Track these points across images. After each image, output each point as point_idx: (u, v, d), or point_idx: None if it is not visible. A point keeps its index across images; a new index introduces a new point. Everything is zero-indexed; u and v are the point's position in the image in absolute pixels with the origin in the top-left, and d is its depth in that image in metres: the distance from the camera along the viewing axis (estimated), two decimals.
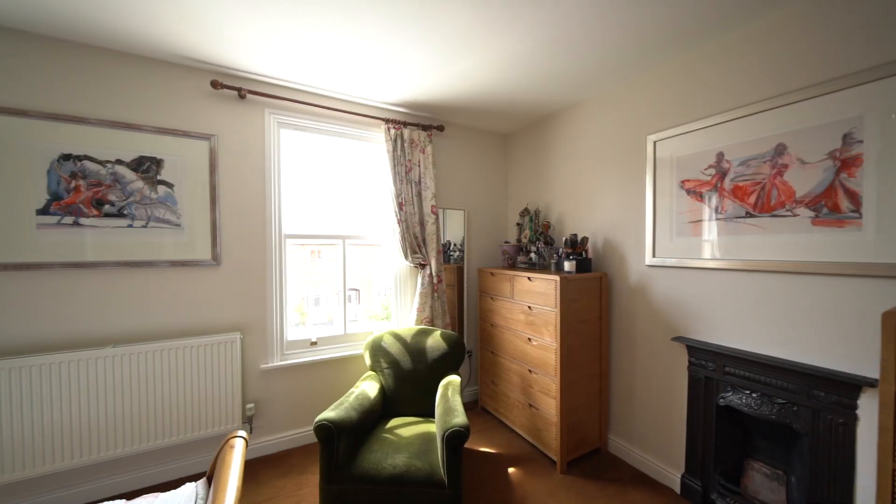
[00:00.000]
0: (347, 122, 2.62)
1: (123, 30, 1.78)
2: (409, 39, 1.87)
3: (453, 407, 1.90)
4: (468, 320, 3.20)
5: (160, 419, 1.98)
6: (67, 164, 1.87)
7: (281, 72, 2.21)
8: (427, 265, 2.84)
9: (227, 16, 1.68)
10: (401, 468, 1.72)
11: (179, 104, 2.11)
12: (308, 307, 3.00)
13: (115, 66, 1.96)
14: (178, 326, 2.11)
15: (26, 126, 1.79)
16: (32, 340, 1.82)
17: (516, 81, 2.33)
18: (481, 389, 3.03)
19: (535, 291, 2.39)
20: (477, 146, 3.23)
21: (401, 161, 2.72)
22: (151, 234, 2.05)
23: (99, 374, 1.85)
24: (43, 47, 1.82)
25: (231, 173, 2.25)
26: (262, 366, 2.34)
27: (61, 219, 1.86)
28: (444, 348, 2.41)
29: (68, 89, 1.87)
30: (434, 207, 2.83)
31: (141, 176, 2.03)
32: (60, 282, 1.87)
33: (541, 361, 2.35)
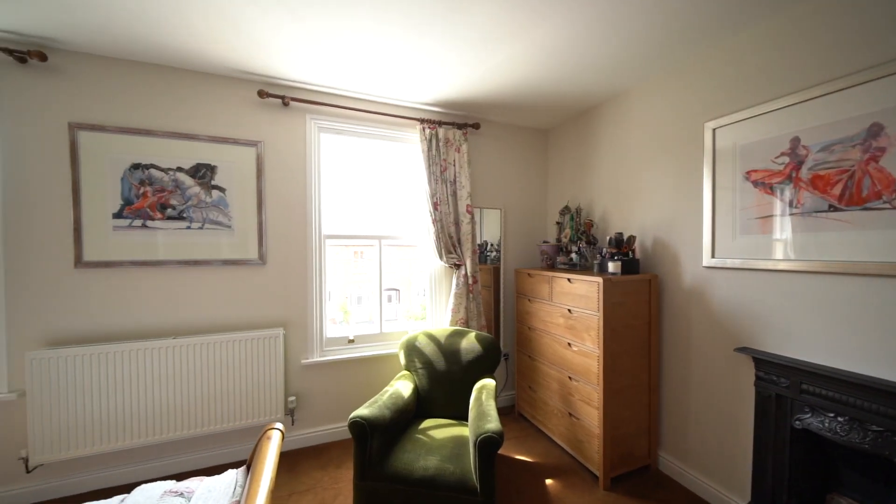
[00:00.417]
0: (383, 124, 2.66)
1: (184, 48, 1.95)
2: (438, 37, 1.84)
3: (487, 412, 1.84)
4: (504, 322, 3.11)
5: (211, 407, 2.13)
6: (137, 172, 2.08)
7: (320, 78, 2.29)
8: (462, 265, 2.80)
9: (269, 26, 1.76)
10: (432, 471, 1.70)
11: (230, 114, 2.26)
12: (351, 306, 3.09)
13: (177, 81, 2.15)
14: (228, 321, 2.27)
15: (105, 140, 2.02)
16: (108, 330, 2.04)
17: (554, 74, 2.21)
18: (518, 394, 2.93)
19: (575, 294, 2.26)
20: (514, 143, 3.14)
21: (435, 161, 2.71)
22: (206, 235, 2.22)
23: (161, 363, 2.04)
24: (118, 69, 2.04)
25: (275, 177, 2.37)
26: (302, 361, 2.44)
27: (132, 221, 2.08)
28: (478, 350, 2.35)
29: (138, 105, 2.08)
30: (469, 207, 2.78)
31: (198, 181, 2.20)
32: (131, 278, 2.08)
33: (582, 368, 2.21)
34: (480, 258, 3.03)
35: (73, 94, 1.96)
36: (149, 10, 1.64)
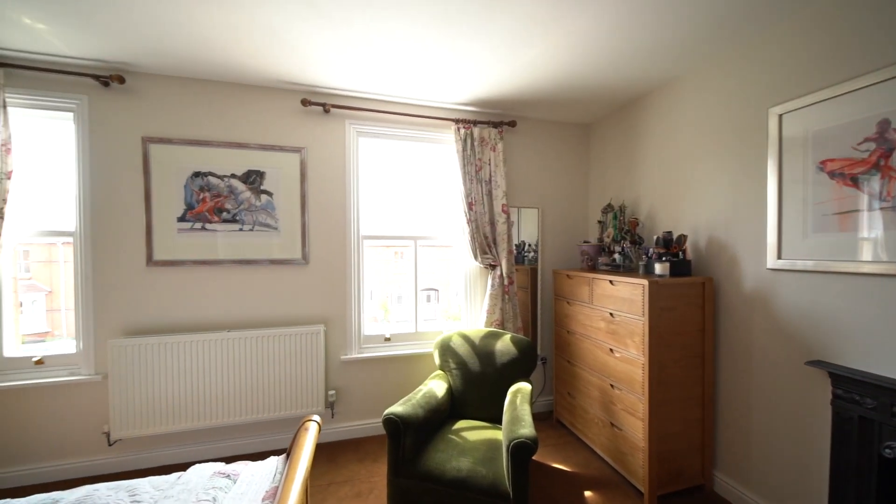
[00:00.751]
0: (418, 126, 2.69)
1: (236, 64, 2.11)
2: (471, 35, 1.83)
3: (521, 417, 1.79)
4: (542, 325, 3.01)
5: (258, 397, 2.29)
6: (197, 179, 2.29)
7: (358, 84, 2.37)
8: (497, 266, 2.75)
9: (309, 36, 1.85)
10: (465, 472, 1.68)
11: (277, 122, 2.41)
12: (391, 304, 3.16)
13: (231, 95, 2.33)
14: (275, 317, 2.42)
15: (171, 151, 2.24)
16: (174, 322, 2.26)
17: (594, 64, 2.11)
18: (556, 400, 2.82)
19: (617, 297, 2.13)
20: (553, 139, 3.03)
21: (470, 160, 2.69)
22: (256, 236, 2.39)
23: (217, 354, 2.22)
24: (182, 87, 2.26)
25: (317, 181, 2.49)
26: (342, 357, 2.54)
27: (193, 224, 2.28)
28: (513, 353, 2.30)
29: (199, 119, 2.28)
30: (505, 206, 2.73)
31: (248, 187, 2.37)
32: (193, 276, 2.29)
33: (625, 376, 2.08)
34: (517, 259, 2.97)
35: (146, 110, 2.20)
36: (207, 32, 1.80)
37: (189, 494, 1.13)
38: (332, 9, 1.63)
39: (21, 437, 2.06)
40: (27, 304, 2.28)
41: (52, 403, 2.10)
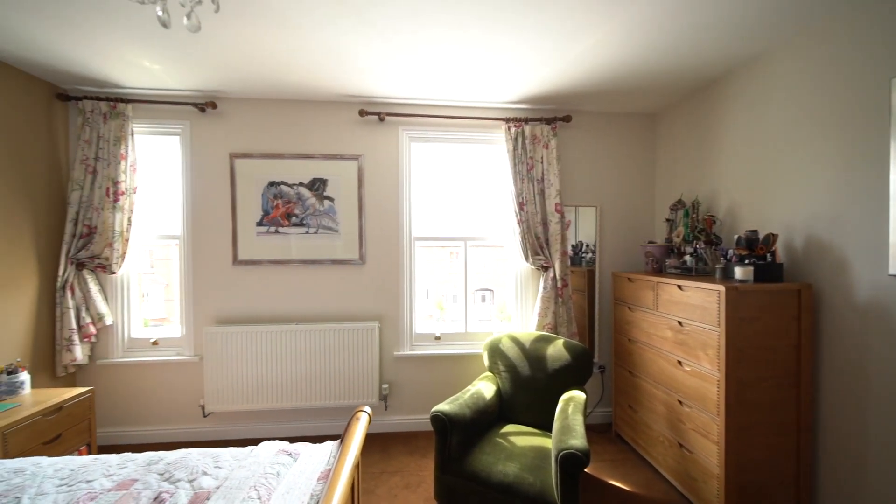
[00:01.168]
0: (468, 128, 2.70)
1: (303, 83, 2.33)
2: (517, 32, 1.79)
3: (572, 426, 1.70)
4: (600, 331, 2.82)
5: (320, 385, 2.50)
6: (272, 188, 2.58)
7: (410, 92, 2.47)
8: (550, 268, 2.65)
9: (363, 49, 1.97)
10: (511, 478, 1.65)
11: (338, 133, 2.61)
12: (447, 303, 3.22)
13: (299, 111, 2.58)
14: (335, 312, 2.62)
15: (251, 164, 2.56)
16: (253, 314, 2.57)
17: (659, 49, 1.92)
18: (616, 413, 2.62)
19: (687, 304, 1.91)
20: (612, 133, 2.82)
21: (521, 159, 2.63)
22: (320, 238, 2.61)
23: (286, 344, 2.48)
24: (260, 107, 2.56)
25: (373, 186, 2.64)
26: (395, 353, 2.66)
27: (268, 228, 2.58)
28: (566, 359, 2.20)
29: (273, 134, 2.57)
30: (558, 205, 2.62)
31: (313, 193, 2.60)
32: (268, 274, 2.58)
33: (696, 393, 1.86)
34: (574, 260, 2.82)
35: (232, 130, 2.54)
36: (277, 56, 2.02)
37: (258, 466, 1.29)
38: (380, 20, 1.72)
39: (139, 404, 2.52)
40: (150, 294, 2.78)
41: (162, 378, 2.53)
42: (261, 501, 1.07)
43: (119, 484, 1.18)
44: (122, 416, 2.52)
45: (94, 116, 2.33)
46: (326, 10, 1.63)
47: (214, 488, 1.15)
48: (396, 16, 1.68)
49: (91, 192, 2.33)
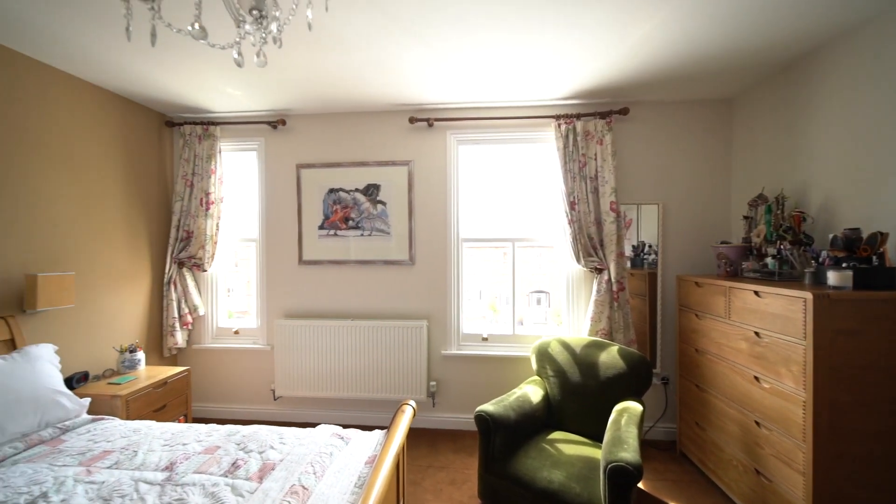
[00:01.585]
0: (516, 127, 2.67)
1: (358, 96, 2.51)
2: (566, 26, 1.73)
3: (624, 438, 1.60)
4: (663, 340, 2.60)
5: (372, 378, 2.66)
6: (331, 194, 2.80)
7: (457, 96, 2.51)
8: (605, 270, 2.51)
9: (409, 57, 2.07)
10: (556, 485, 1.61)
11: (389, 140, 2.76)
12: (500, 305, 3.17)
13: (354, 122, 2.78)
14: (386, 310, 2.76)
15: (314, 174, 2.81)
16: (316, 309, 2.82)
17: (732, 24, 1.72)
18: (681, 429, 2.39)
19: (765, 312, 1.69)
20: (678, 123, 2.59)
21: (573, 157, 2.53)
22: (373, 240, 2.78)
23: (343, 338, 2.68)
24: (320, 121, 2.80)
25: (422, 189, 2.74)
26: (442, 352, 2.72)
27: (328, 231, 2.81)
28: (620, 367, 2.07)
29: (332, 145, 2.80)
30: (613, 204, 2.47)
31: (368, 198, 2.78)
32: (328, 273, 2.82)
33: (776, 414, 1.63)
34: (635, 262, 2.64)
35: (298, 143, 2.82)
36: (333, 74, 2.20)
37: (315, 446, 1.43)
38: (426, 31, 1.79)
39: (223, 385, 2.91)
40: (234, 289, 3.19)
41: (242, 363, 2.89)
42: (316, 476, 1.20)
43: (206, 449, 1.39)
44: (210, 393, 2.92)
45: (191, 138, 2.75)
46: (375, 27, 1.74)
47: (279, 461, 1.30)
48: (441, 25, 1.74)
49: (189, 202, 2.75)
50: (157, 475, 1.23)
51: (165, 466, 1.28)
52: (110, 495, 1.12)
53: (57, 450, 1.40)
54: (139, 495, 1.12)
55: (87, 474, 1.23)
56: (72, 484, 1.17)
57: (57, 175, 2.11)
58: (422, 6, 1.60)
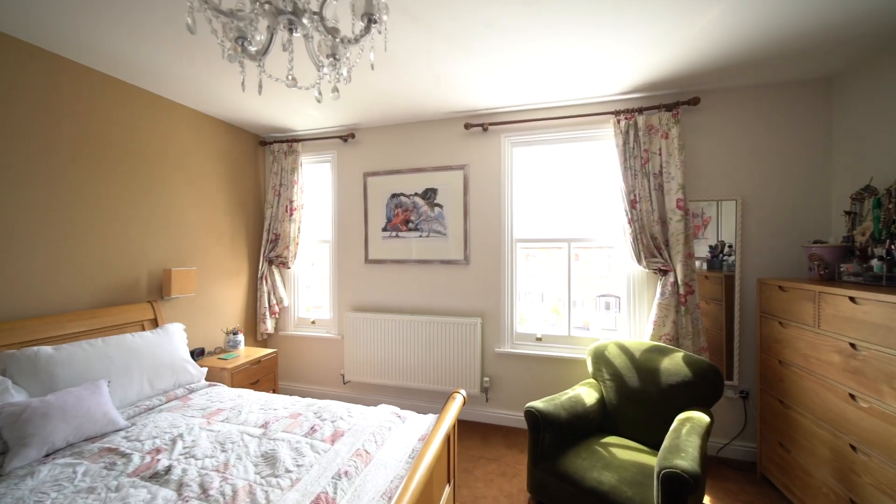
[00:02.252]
0: (571, 126, 2.64)
1: (417, 107, 2.71)
2: (627, 24, 1.70)
3: (682, 447, 1.53)
4: (741, 349, 2.36)
5: (428, 370, 2.83)
6: (394, 199, 3.05)
7: (511, 99, 2.57)
8: (670, 271, 2.37)
9: (462, 71, 2.19)
10: (606, 486, 1.60)
11: (446, 146, 2.92)
12: (564, 308, 3.09)
13: (413, 132, 2.99)
14: (442, 307, 2.92)
15: (378, 180, 3.08)
16: (379, 304, 3.09)
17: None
18: (761, 449, 2.15)
19: (863, 321, 1.48)
20: (762, 109, 2.33)
21: (633, 153, 2.43)
22: (430, 241, 2.96)
23: (403, 332, 2.89)
24: (383, 133, 3.07)
25: (476, 192, 2.85)
26: (496, 349, 2.79)
27: (390, 233, 3.06)
28: (685, 375, 1.95)
29: (394, 154, 3.05)
30: (680, 201, 2.32)
31: (426, 202, 2.97)
32: (390, 271, 3.07)
33: (877, 438, 1.42)
34: (713, 263, 2.44)
35: (365, 154, 3.12)
36: (395, 89, 2.41)
37: (377, 420, 1.62)
38: (476, 44, 1.89)
39: (301, 367, 3.32)
40: (312, 285, 3.62)
41: (317, 349, 3.27)
42: (377, 445, 1.38)
43: (291, 414, 1.67)
44: (292, 373, 3.36)
45: (279, 154, 3.21)
46: (429, 48, 1.90)
47: (347, 429, 1.52)
48: (490, 38, 1.83)
49: (277, 209, 3.21)
50: (256, 430, 1.53)
51: (261, 424, 1.58)
52: (224, 441, 1.43)
53: (186, 405, 1.79)
54: (244, 444, 1.41)
55: (207, 424, 1.57)
56: (198, 430, 1.51)
57: (185, 191, 2.65)
58: (470, 23, 1.71)
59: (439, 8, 1.59)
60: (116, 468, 1.27)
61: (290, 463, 1.28)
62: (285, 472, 1.24)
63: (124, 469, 1.26)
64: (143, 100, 2.38)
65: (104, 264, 2.16)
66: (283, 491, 1.14)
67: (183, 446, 1.40)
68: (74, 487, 1.17)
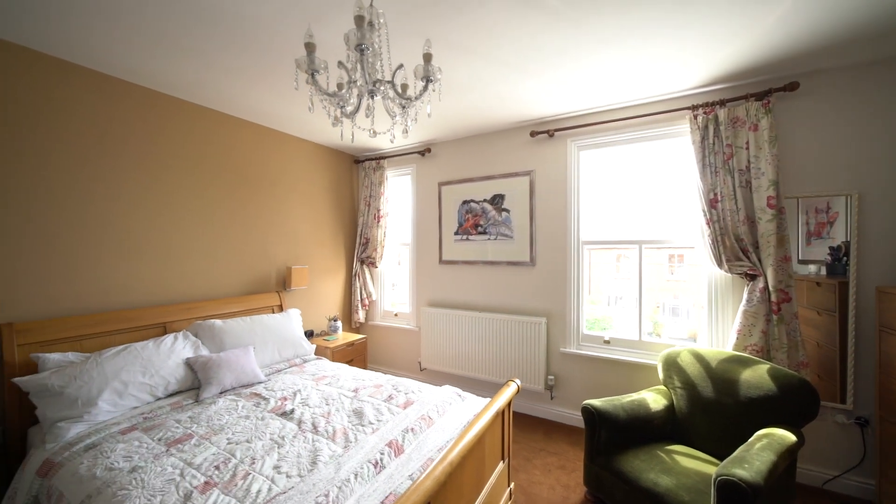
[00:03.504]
0: (641, 125, 2.58)
1: (485, 119, 2.94)
2: (701, 17, 1.67)
3: (749, 459, 1.47)
4: (857, 368, 2.03)
5: (494, 364, 3.02)
6: (464, 205, 3.34)
7: (578, 105, 2.62)
8: (759, 276, 2.16)
9: (528, 90, 2.35)
10: (661, 489, 1.62)
11: (512, 154, 3.09)
12: (634, 312, 2.95)
13: (483, 143, 3.23)
14: (508, 306, 3.09)
15: (451, 189, 3.40)
16: (452, 301, 3.40)
17: None
18: (881, 486, 1.83)
19: None
20: (882, 88, 1.98)
21: (713, 149, 2.28)
22: (498, 243, 3.16)
23: (472, 327, 3.15)
24: (456, 145, 3.37)
25: (542, 196, 2.96)
26: (561, 349, 2.85)
27: (461, 237, 3.35)
28: (769, 389, 1.81)
29: (465, 163, 3.33)
30: (772, 199, 2.11)
31: (493, 207, 3.18)
32: (461, 272, 3.36)
33: None
34: (833, 268, 2.11)
35: (439, 165, 3.48)
36: (465, 109, 2.69)
37: (440, 397, 1.91)
38: (531, 66, 2.05)
39: (385, 353, 3.82)
40: (396, 283, 4.13)
41: (399, 339, 3.74)
42: (438, 414, 1.67)
43: (375, 385, 2.07)
44: (378, 358, 3.89)
45: (369, 171, 3.77)
46: (490, 73, 2.12)
47: (416, 400, 1.85)
48: (545, 59, 1.97)
49: (367, 217, 3.77)
50: (349, 393, 1.96)
51: (353, 389, 2.01)
52: (327, 398, 1.89)
53: (302, 370, 2.35)
54: (340, 401, 1.85)
55: (315, 385, 2.06)
56: (310, 388, 2.01)
57: (298, 205, 3.34)
58: (522, 49, 1.89)
59: (490, 40, 1.82)
60: (260, 406, 1.80)
61: (373, 417, 1.66)
62: (368, 423, 1.61)
63: (265, 407, 1.79)
64: (269, 136, 3.09)
65: (247, 264, 2.89)
66: (367, 435, 1.51)
67: (300, 398, 1.89)
68: (237, 414, 1.72)
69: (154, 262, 2.33)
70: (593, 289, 3.01)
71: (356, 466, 1.31)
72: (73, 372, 1.64)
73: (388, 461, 1.36)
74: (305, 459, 1.36)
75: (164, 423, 1.64)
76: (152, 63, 2.02)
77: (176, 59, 1.99)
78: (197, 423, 1.63)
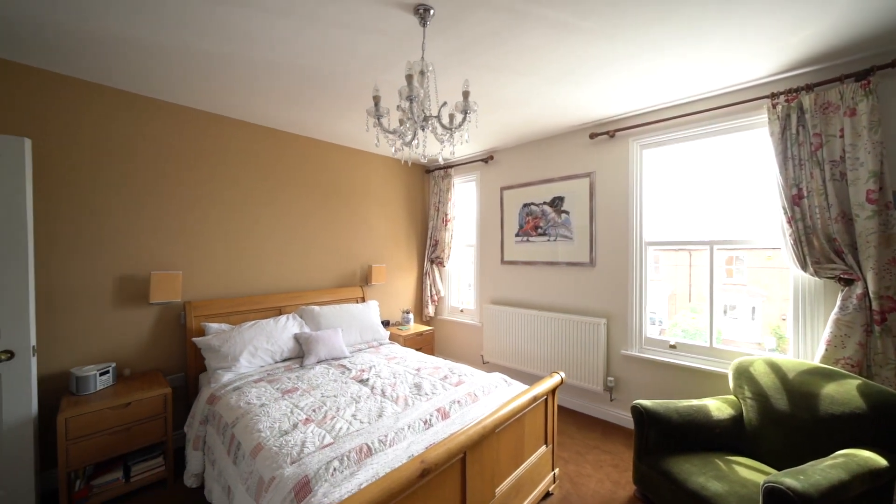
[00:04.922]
0: (710, 119, 2.43)
1: (544, 124, 3.07)
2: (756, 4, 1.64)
3: (809, 472, 1.40)
4: None
5: (553, 362, 3.10)
6: (525, 208, 3.49)
7: (640, 103, 2.59)
8: (857, 281, 1.92)
9: (584, 96, 2.44)
10: (709, 493, 1.61)
11: (572, 157, 3.15)
12: (704, 317, 2.83)
13: (541, 148, 3.35)
14: (568, 306, 3.14)
15: (513, 193, 3.58)
16: (513, 299, 3.57)
17: None
18: None
19: None
20: None
21: (797, 140, 2.08)
22: (557, 244, 3.24)
23: (532, 325, 3.28)
24: (516, 151, 3.54)
25: (602, 196, 2.96)
26: (622, 351, 2.82)
27: (522, 238, 3.50)
28: (856, 407, 1.63)
29: (525, 168, 3.48)
30: (872, 192, 1.86)
31: (553, 209, 3.28)
32: (522, 271, 3.51)
33: None
34: None
35: (501, 171, 3.68)
36: (525, 116, 2.86)
37: (489, 380, 2.15)
38: (581, 79, 2.15)
39: (452, 345, 4.15)
40: (464, 280, 4.45)
41: (465, 334, 4.03)
42: (483, 393, 1.93)
43: (434, 367, 2.41)
44: (444, 349, 4.24)
45: (438, 179, 4.16)
46: (541, 84, 2.28)
47: (466, 381, 2.14)
48: (591, 73, 2.06)
49: (436, 221, 4.17)
50: (413, 371, 2.34)
51: (416, 369, 2.38)
52: (395, 373, 2.29)
53: (377, 351, 2.82)
54: (405, 376, 2.24)
55: (387, 363, 2.49)
56: (383, 364, 2.45)
57: (378, 212, 3.88)
58: (565, 65, 2.02)
59: (534, 61, 2.00)
60: (345, 374, 2.29)
61: (428, 390, 2.00)
62: (424, 394, 1.96)
63: (348, 375, 2.27)
64: (354, 155, 3.67)
65: (337, 262, 3.50)
66: (422, 402, 1.86)
67: (374, 371, 2.34)
68: (329, 378, 2.22)
69: (272, 262, 3.04)
70: (693, 296, 2.85)
71: (410, 421, 1.67)
72: (225, 337, 2.33)
73: (435, 422, 1.69)
74: (374, 413, 1.77)
75: (280, 378, 2.21)
76: (275, 108, 2.68)
77: (294, 106, 2.61)
78: (301, 380, 2.17)
